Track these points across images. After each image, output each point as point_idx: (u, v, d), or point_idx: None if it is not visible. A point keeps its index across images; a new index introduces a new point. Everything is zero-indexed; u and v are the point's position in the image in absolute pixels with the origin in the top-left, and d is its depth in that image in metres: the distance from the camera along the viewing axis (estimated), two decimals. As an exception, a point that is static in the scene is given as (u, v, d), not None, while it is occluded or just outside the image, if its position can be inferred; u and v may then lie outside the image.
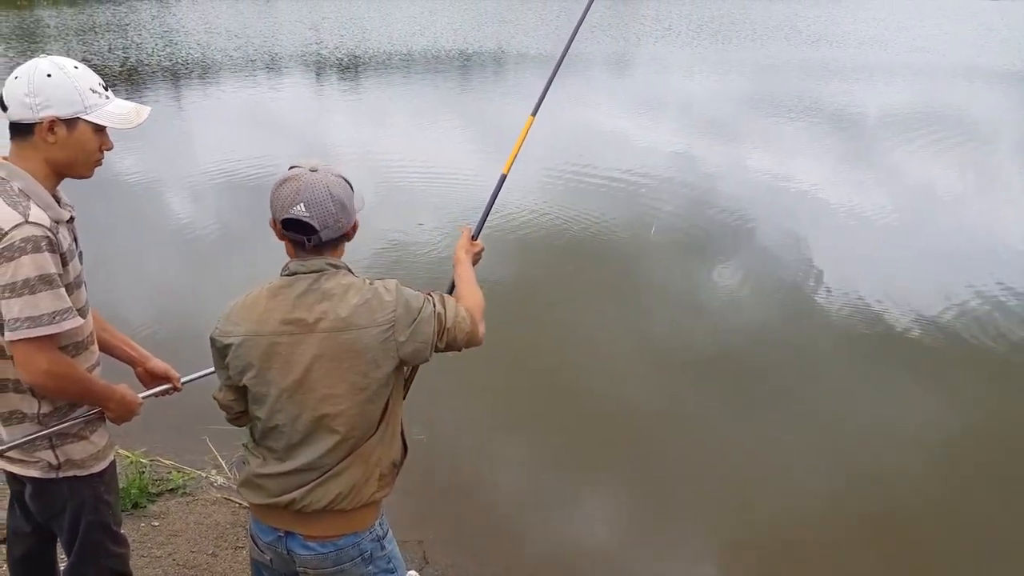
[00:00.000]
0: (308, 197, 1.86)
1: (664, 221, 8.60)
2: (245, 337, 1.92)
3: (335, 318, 1.88)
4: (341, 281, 1.93)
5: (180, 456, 4.28)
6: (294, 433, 1.94)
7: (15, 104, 2.00)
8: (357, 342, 1.89)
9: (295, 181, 1.89)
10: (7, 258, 1.95)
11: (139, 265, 7.18)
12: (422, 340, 1.96)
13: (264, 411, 1.96)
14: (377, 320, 1.90)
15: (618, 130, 13.24)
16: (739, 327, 6.31)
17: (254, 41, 23.64)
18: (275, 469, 1.98)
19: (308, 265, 1.92)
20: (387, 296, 1.93)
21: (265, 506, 2.01)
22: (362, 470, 1.98)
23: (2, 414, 2.16)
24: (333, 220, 1.89)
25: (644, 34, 27.78)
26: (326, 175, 1.90)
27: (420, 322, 1.95)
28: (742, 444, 4.86)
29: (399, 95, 16.50)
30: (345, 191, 1.93)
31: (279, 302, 1.91)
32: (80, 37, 22.72)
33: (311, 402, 1.91)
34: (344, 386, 1.90)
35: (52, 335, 2.02)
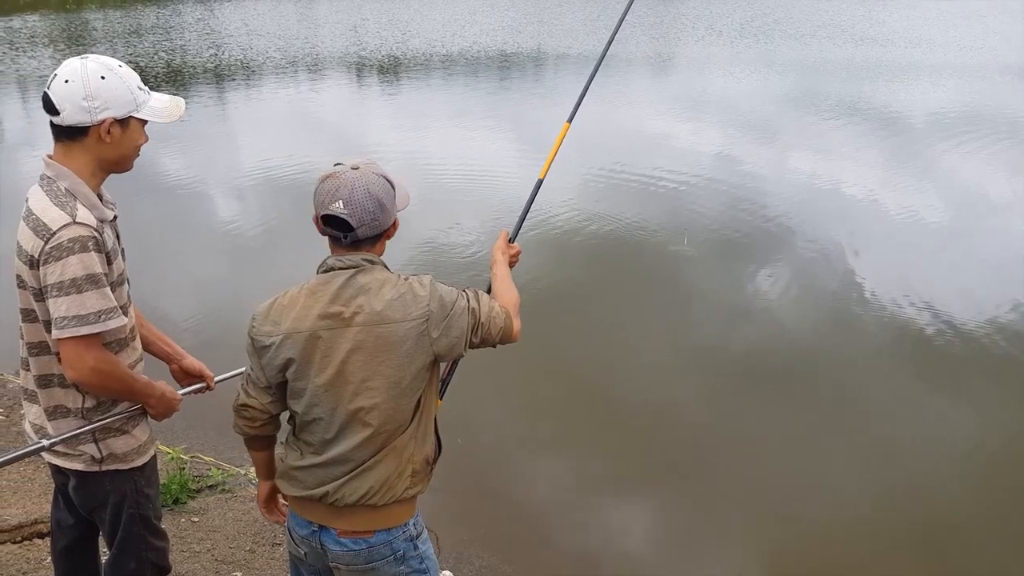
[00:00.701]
0: (347, 195, 1.89)
1: (704, 224, 8.50)
2: (285, 335, 1.94)
3: (370, 312, 1.91)
4: (377, 276, 1.95)
5: (220, 453, 4.34)
6: (330, 426, 1.96)
7: (72, 108, 2.02)
8: (391, 336, 1.91)
9: (335, 178, 1.92)
10: (55, 258, 1.99)
11: (177, 263, 7.28)
12: (456, 335, 1.98)
13: (302, 405, 1.98)
14: (411, 314, 1.92)
15: (658, 131, 13.14)
16: (780, 333, 6.22)
17: (295, 42, 23.89)
18: (311, 462, 2.00)
19: (345, 260, 1.95)
20: (421, 291, 1.95)
21: (301, 498, 2.03)
22: (394, 464, 2.00)
23: (47, 408, 2.20)
24: (370, 218, 1.92)
25: (684, 34, 27.57)
26: (366, 173, 1.93)
27: (453, 317, 1.97)
28: (781, 452, 4.79)
29: (438, 96, 16.55)
30: (385, 190, 1.95)
31: (317, 298, 1.94)
32: (125, 39, 23.17)
33: (347, 395, 1.93)
34: (378, 379, 1.92)
35: (98, 333, 2.06)
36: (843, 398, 5.38)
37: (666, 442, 4.89)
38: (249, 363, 2.05)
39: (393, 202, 1.99)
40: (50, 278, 2.00)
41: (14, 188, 8.79)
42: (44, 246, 1.99)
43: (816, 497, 4.43)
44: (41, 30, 24.30)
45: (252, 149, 11.59)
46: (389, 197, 1.97)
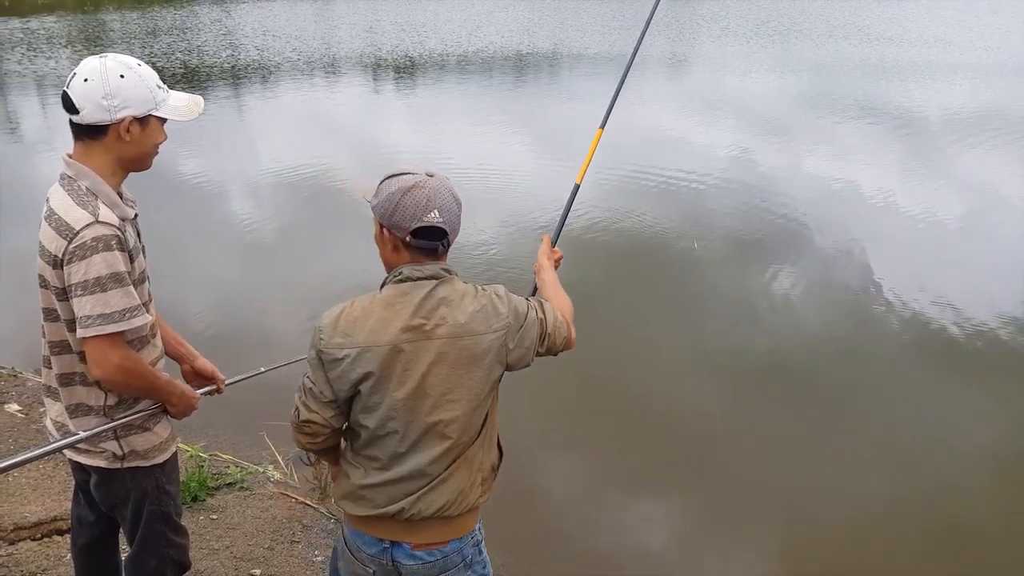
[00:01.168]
0: (440, 203, 1.87)
1: (719, 224, 8.48)
2: (362, 348, 1.87)
3: (454, 324, 1.88)
4: (456, 287, 1.92)
5: (238, 451, 4.35)
6: (404, 440, 1.92)
7: (91, 107, 2.02)
8: (475, 348, 1.89)
9: (422, 188, 1.86)
10: (79, 257, 1.99)
11: (188, 263, 7.30)
12: (527, 345, 1.98)
13: (375, 419, 1.92)
14: (493, 326, 1.91)
15: (673, 131, 13.09)
16: (799, 334, 6.18)
17: (311, 43, 23.98)
18: (380, 479, 1.95)
19: (424, 271, 1.90)
20: (500, 304, 1.94)
21: (370, 517, 1.97)
22: (467, 475, 1.97)
23: (69, 406, 2.20)
24: (457, 222, 1.92)
25: (701, 34, 27.49)
26: (442, 179, 1.92)
27: (526, 328, 1.97)
28: (798, 451, 4.76)
29: (455, 96, 16.58)
30: (459, 195, 1.95)
31: (397, 311, 1.88)
32: (142, 40, 23.32)
33: (425, 408, 1.89)
34: (459, 392, 1.90)
35: (122, 331, 2.06)
36: (860, 398, 5.34)
37: (681, 441, 4.87)
38: (311, 376, 1.95)
39: None
40: (74, 277, 2.00)
41: (33, 186, 8.87)
42: (68, 246, 1.99)
43: (833, 497, 4.40)
44: (58, 31, 24.49)
45: (267, 149, 11.63)
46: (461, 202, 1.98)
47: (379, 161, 11.09)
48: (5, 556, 3.17)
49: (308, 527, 3.67)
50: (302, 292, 6.62)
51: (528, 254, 7.01)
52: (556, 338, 2.06)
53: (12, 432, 4.21)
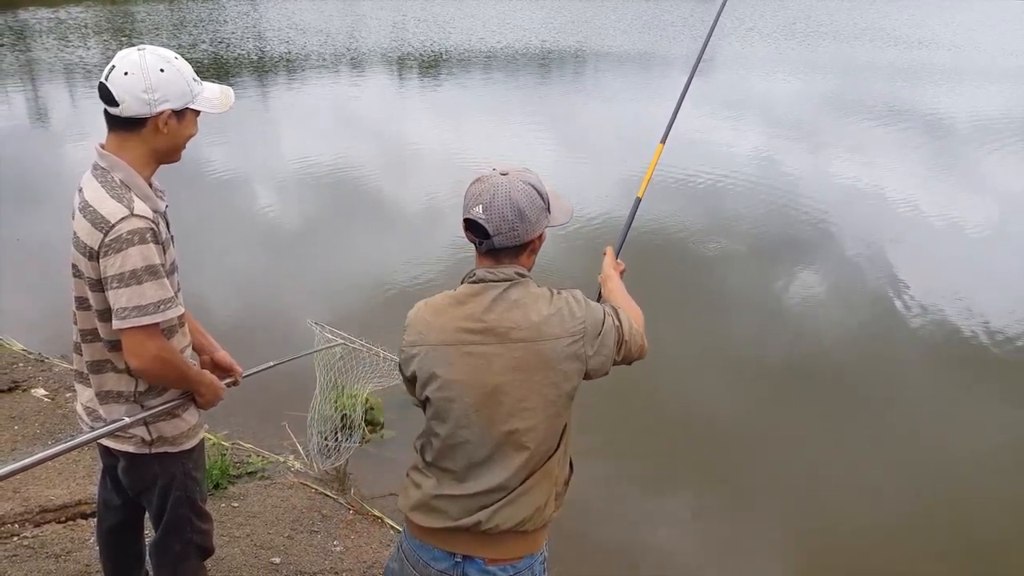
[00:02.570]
0: (488, 200, 1.81)
1: (743, 225, 8.46)
2: (431, 347, 1.85)
3: (528, 327, 1.81)
4: (531, 290, 1.86)
5: (260, 440, 4.40)
6: (479, 449, 1.84)
7: (132, 100, 2.04)
8: (550, 352, 1.82)
9: (482, 183, 1.85)
10: (115, 249, 2.01)
11: (210, 255, 7.36)
12: (606, 353, 1.89)
13: (447, 427, 1.86)
14: (569, 330, 1.83)
15: (698, 131, 13.04)
16: (823, 336, 6.15)
17: (338, 38, 24.09)
18: (455, 491, 1.88)
19: (497, 273, 1.85)
20: (576, 308, 1.86)
21: (442, 530, 1.89)
22: (546, 489, 1.91)
23: (99, 393, 2.23)
24: (508, 227, 1.81)
25: (726, 34, 27.32)
26: (514, 180, 1.84)
27: (605, 334, 1.89)
28: (823, 455, 4.74)
29: (480, 93, 16.59)
30: (530, 199, 1.84)
31: (467, 310, 1.84)
32: (170, 31, 23.53)
33: (500, 416, 1.82)
34: (536, 399, 1.82)
35: (158, 323, 2.09)
36: (884, 402, 5.31)
37: (702, 441, 4.86)
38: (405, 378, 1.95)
39: (541, 213, 1.87)
40: (110, 270, 2.03)
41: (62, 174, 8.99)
42: (103, 238, 2.02)
43: (855, 501, 4.39)
44: (88, 22, 24.75)
45: (290, 143, 11.70)
46: (534, 207, 1.84)
47: (402, 156, 11.15)
48: (31, 538, 3.22)
49: (327, 517, 3.71)
50: (318, 285, 6.68)
51: (564, 252, 7.04)
52: (632, 346, 1.97)
53: (38, 416, 4.28)
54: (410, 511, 1.95)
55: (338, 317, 5.88)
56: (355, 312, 6.07)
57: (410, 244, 7.59)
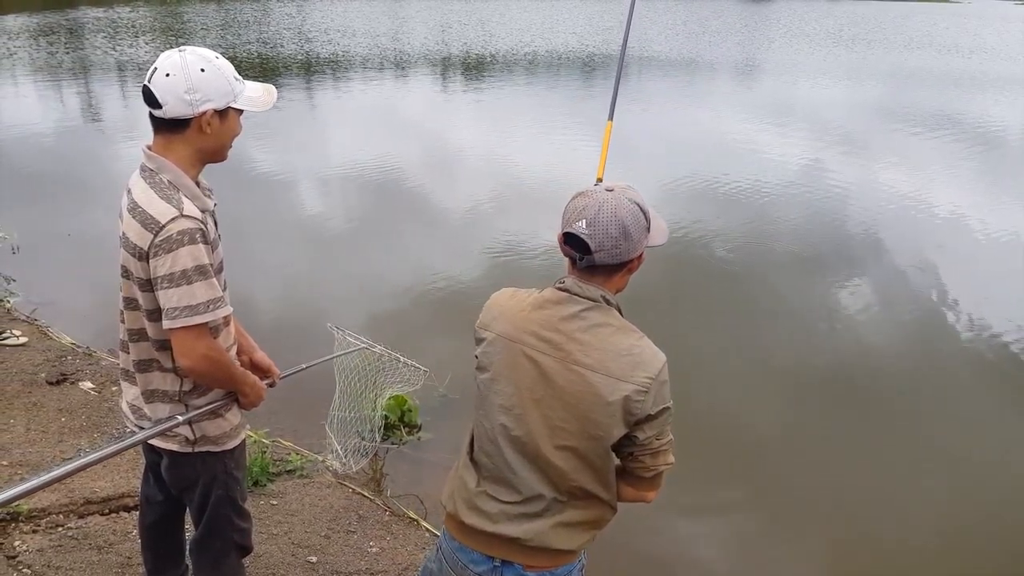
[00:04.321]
0: (592, 215, 1.75)
1: (786, 234, 8.36)
2: (497, 336, 1.84)
3: (595, 355, 1.76)
4: (612, 321, 1.80)
5: (299, 439, 4.43)
6: (516, 456, 1.83)
7: (174, 101, 2.05)
8: (602, 389, 1.75)
9: (585, 197, 1.79)
10: (166, 250, 2.03)
11: (251, 255, 7.46)
12: (650, 432, 1.81)
13: (488, 423, 1.86)
14: (633, 376, 1.75)
15: (741, 138, 12.91)
16: (864, 348, 6.05)
17: (382, 40, 24.30)
18: (495, 492, 1.87)
19: (585, 290, 1.80)
20: (656, 362, 1.78)
21: (481, 533, 1.88)
22: (585, 525, 1.89)
23: (145, 392, 2.26)
24: (611, 244, 1.75)
25: (774, 39, 27.04)
26: (619, 197, 1.77)
27: (664, 413, 1.81)
28: (861, 470, 4.66)
29: (523, 97, 16.62)
30: (634, 218, 1.77)
31: (543, 315, 1.81)
32: (217, 32, 23.94)
33: (540, 430, 1.79)
34: (576, 425, 1.77)
35: (207, 322, 2.12)
36: (924, 417, 5.22)
37: (739, 453, 4.79)
38: None
39: (643, 233, 1.81)
40: (160, 270, 2.05)
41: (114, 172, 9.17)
42: (153, 239, 2.04)
43: (892, 516, 4.31)
44: (140, 22, 25.25)
45: (335, 144, 11.82)
46: (638, 226, 1.78)
47: (443, 159, 11.19)
48: (75, 528, 3.28)
49: (364, 518, 3.72)
50: (353, 288, 6.73)
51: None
52: (656, 461, 1.87)
53: (85, 409, 4.36)
54: (451, 507, 1.95)
55: (374, 321, 5.94)
56: (387, 316, 6.10)
57: (448, 250, 7.61)
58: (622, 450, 1.86)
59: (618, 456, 1.89)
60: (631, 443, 1.83)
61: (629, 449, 1.85)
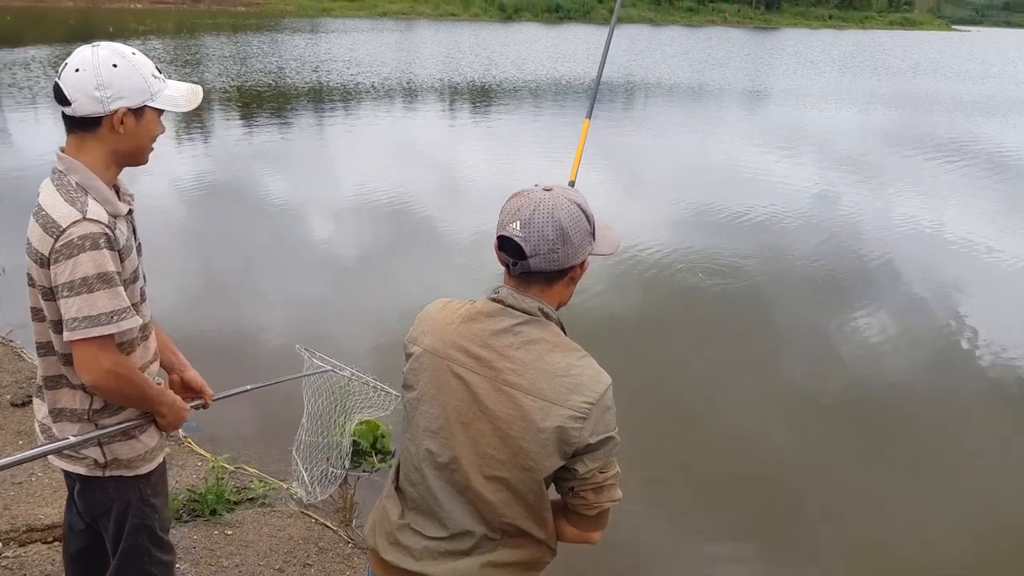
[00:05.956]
0: (527, 216, 1.58)
1: (798, 261, 8.21)
2: (424, 351, 1.68)
3: (528, 375, 1.59)
4: (550, 336, 1.62)
5: (265, 465, 4.25)
6: (443, 485, 1.66)
7: (83, 98, 1.92)
8: (534, 414, 1.57)
9: (521, 197, 1.63)
10: (66, 256, 1.89)
11: (248, 276, 7.36)
12: (592, 465, 1.61)
13: (414, 447, 1.69)
14: (570, 401, 1.57)
15: (752, 164, 12.78)
16: (881, 377, 5.89)
17: (392, 70, 24.43)
18: (419, 526, 1.71)
19: (520, 301, 1.63)
20: (596, 383, 1.60)
21: (402, 572, 1.72)
22: (516, 554, 1.70)
23: (52, 410, 2.11)
24: (547, 248, 1.58)
25: (780, 66, 27.02)
26: (558, 197, 1.61)
27: (608, 443, 1.61)
28: (880, 500, 4.51)
29: (529, 125, 16.58)
30: (574, 220, 1.60)
31: (474, 328, 1.64)
32: (235, 61, 24.16)
33: (468, 456, 1.62)
34: (507, 454, 1.60)
35: (111, 335, 1.97)
36: (944, 447, 5.07)
37: (756, 483, 4.62)
38: None
39: (585, 238, 1.63)
40: (60, 277, 1.90)
41: None
42: (54, 244, 1.90)
43: (912, 547, 4.16)
44: (161, 53, 25.55)
45: (343, 171, 11.69)
46: (578, 230, 1.61)
47: (450, 185, 11.08)
48: (12, 558, 3.12)
49: (324, 550, 3.53)
50: (351, 312, 6.58)
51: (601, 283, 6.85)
52: (600, 497, 1.66)
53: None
54: (372, 541, 1.78)
55: (360, 345, 5.78)
56: (376, 340, 5.94)
57: (448, 277, 7.45)
58: (561, 484, 1.67)
59: (558, 490, 1.70)
60: (571, 477, 1.64)
61: (569, 484, 1.66)
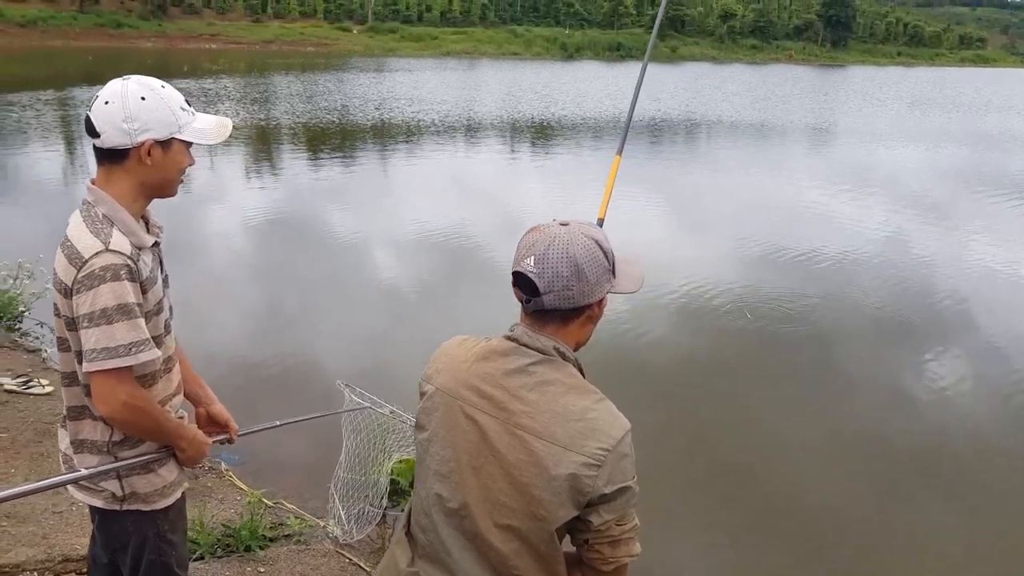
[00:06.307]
0: (542, 252, 1.53)
1: (867, 305, 7.93)
2: (437, 390, 1.61)
3: (541, 418, 1.51)
4: (565, 377, 1.55)
5: (304, 502, 4.20)
6: (454, 534, 1.58)
7: (111, 130, 1.93)
8: (546, 460, 1.48)
9: (536, 232, 1.57)
10: (87, 287, 1.89)
11: (301, 309, 7.40)
12: (607, 516, 1.50)
13: (424, 491, 1.61)
14: (586, 448, 1.48)
15: (818, 204, 12.50)
16: (950, 427, 5.60)
17: (451, 107, 24.76)
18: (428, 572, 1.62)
19: (535, 340, 1.56)
20: (614, 430, 1.50)
21: None
22: None
23: (74, 441, 2.09)
24: (562, 285, 1.52)
25: (848, 103, 26.54)
26: (574, 232, 1.55)
27: (624, 492, 1.50)
28: (948, 559, 4.26)
29: (586, 161, 16.56)
30: (591, 257, 1.54)
31: (487, 367, 1.57)
32: (301, 99, 24.81)
33: (477, 500, 1.54)
34: (519, 501, 1.51)
35: (129, 367, 1.94)
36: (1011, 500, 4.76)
37: (813, 535, 4.42)
38: None
39: (603, 274, 1.56)
40: (81, 308, 1.90)
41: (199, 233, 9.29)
42: (76, 274, 1.90)
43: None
44: (231, 91, 26.41)
45: (402, 206, 11.75)
46: (595, 266, 1.54)
47: (507, 222, 11.05)
48: (45, 589, 3.12)
49: (356, 591, 3.46)
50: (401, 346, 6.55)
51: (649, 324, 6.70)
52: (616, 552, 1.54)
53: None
54: None
55: (406, 383, 5.71)
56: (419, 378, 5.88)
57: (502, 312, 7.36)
58: (576, 536, 1.56)
59: (573, 543, 1.58)
60: (585, 528, 1.53)
61: (584, 536, 1.54)
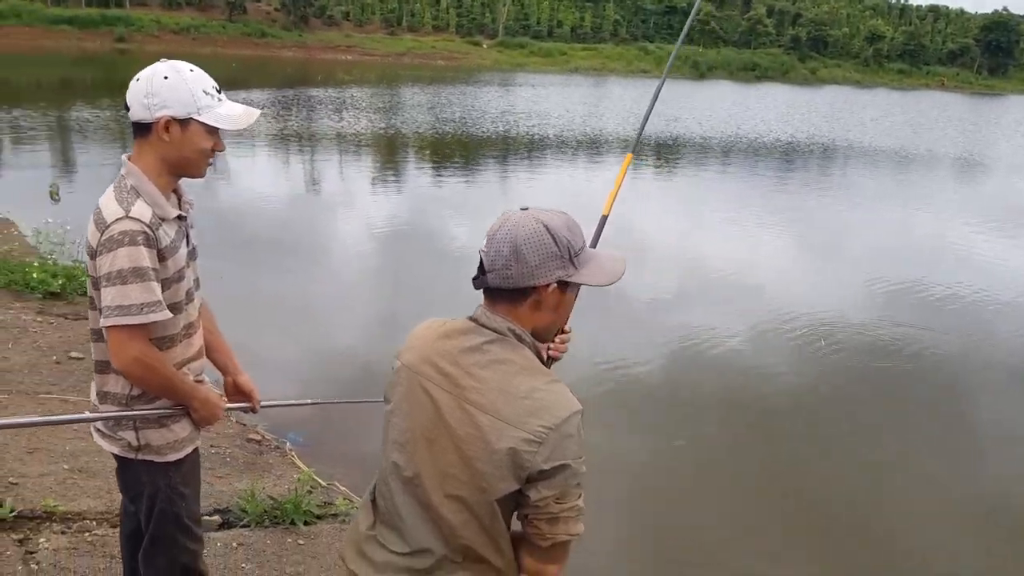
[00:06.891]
0: (492, 233, 1.60)
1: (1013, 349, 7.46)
2: (403, 365, 1.68)
3: (489, 394, 1.56)
4: (517, 358, 1.59)
5: (357, 487, 4.33)
6: (405, 499, 1.65)
7: (136, 105, 2.12)
8: (490, 434, 1.54)
9: (500, 219, 1.64)
10: (107, 249, 2.07)
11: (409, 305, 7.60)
12: (548, 492, 1.54)
13: (385, 460, 1.69)
14: (528, 424, 1.52)
15: (963, 241, 11.85)
16: None
17: (577, 123, 24.83)
18: (386, 542, 1.69)
19: (491, 320, 1.61)
20: (560, 410, 1.54)
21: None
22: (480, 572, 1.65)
23: (99, 392, 2.28)
24: (501, 264, 1.57)
25: (1003, 135, 24.91)
26: (526, 217, 1.60)
27: (567, 470, 1.54)
28: None
29: (714, 183, 16.27)
30: (534, 240, 1.56)
31: (446, 345, 1.63)
32: (426, 109, 25.59)
33: (431, 472, 1.61)
34: (466, 473, 1.57)
35: (142, 325, 2.10)
36: None
37: None
38: None
39: (550, 260, 1.58)
40: (102, 268, 2.09)
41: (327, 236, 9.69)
42: (100, 237, 2.09)
43: None
44: (357, 100, 27.54)
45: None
46: (538, 250, 1.56)
47: (628, 242, 10.96)
48: (100, 536, 3.34)
49: (390, 573, 3.55)
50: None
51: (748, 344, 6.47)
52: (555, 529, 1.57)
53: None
54: (343, 548, 1.79)
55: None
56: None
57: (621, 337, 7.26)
58: (520, 512, 1.60)
59: (518, 518, 1.63)
60: (525, 503, 1.58)
61: (524, 511, 1.59)
